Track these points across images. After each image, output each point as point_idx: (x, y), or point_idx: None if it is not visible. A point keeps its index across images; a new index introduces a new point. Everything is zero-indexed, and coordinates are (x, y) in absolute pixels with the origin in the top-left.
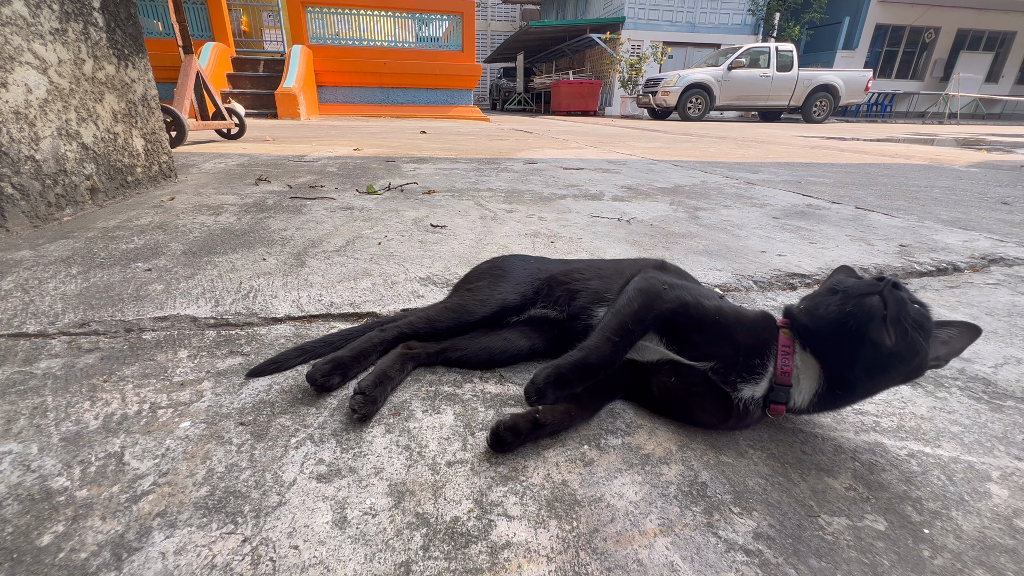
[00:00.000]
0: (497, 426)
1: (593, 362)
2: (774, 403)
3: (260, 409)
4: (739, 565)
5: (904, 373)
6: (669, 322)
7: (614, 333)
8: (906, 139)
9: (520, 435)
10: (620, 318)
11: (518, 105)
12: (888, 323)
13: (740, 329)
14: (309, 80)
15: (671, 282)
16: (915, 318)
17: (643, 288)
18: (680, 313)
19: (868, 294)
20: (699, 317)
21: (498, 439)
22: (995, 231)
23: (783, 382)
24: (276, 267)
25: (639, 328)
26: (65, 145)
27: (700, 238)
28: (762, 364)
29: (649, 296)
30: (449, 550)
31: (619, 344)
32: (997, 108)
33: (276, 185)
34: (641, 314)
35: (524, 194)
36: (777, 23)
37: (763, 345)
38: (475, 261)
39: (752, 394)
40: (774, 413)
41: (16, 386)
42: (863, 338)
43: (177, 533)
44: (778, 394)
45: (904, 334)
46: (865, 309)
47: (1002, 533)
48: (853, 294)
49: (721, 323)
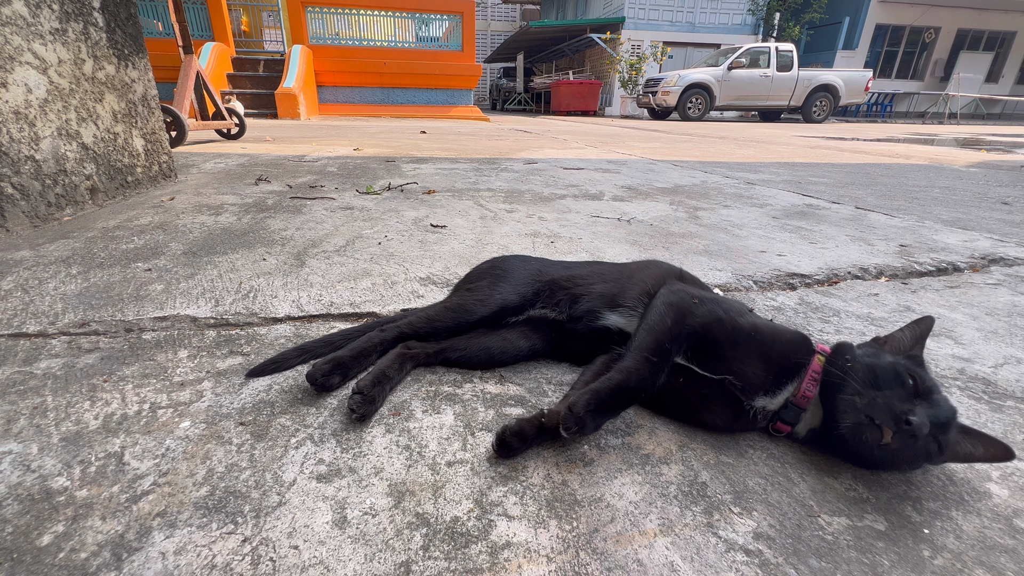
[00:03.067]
0: (503, 432)
1: (634, 385)
2: (782, 421)
3: (260, 409)
4: (739, 565)
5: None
6: (700, 337)
7: (652, 353)
8: (906, 139)
9: (527, 440)
10: (655, 335)
11: (518, 105)
12: (894, 456)
13: (776, 350)
14: (309, 80)
15: (700, 295)
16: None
17: (673, 303)
18: (713, 328)
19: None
20: (733, 334)
21: (504, 445)
22: (995, 231)
23: (800, 404)
24: (276, 267)
25: (675, 346)
26: (65, 145)
27: (700, 238)
28: (788, 381)
29: (680, 311)
30: (449, 550)
31: (657, 364)
32: (997, 108)
33: (276, 185)
34: (675, 331)
35: (524, 194)
36: (777, 23)
37: (794, 369)
38: (475, 261)
39: (765, 406)
40: (778, 430)
41: (16, 386)
42: (861, 446)
43: (177, 533)
44: (790, 413)
45: (911, 462)
46: (874, 438)
47: (1002, 533)
48: (882, 412)
49: (757, 341)
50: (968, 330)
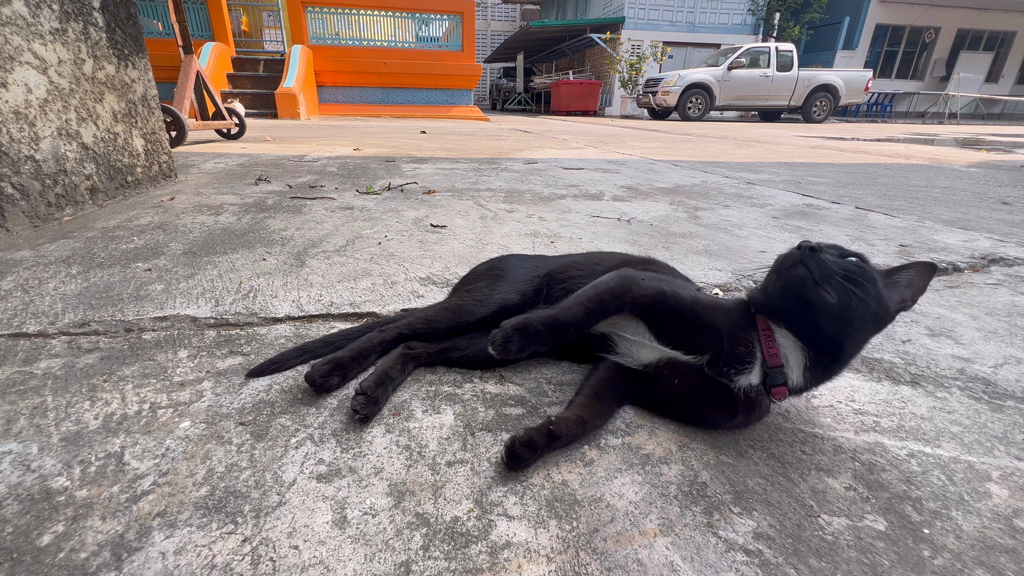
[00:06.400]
0: (512, 442)
1: (563, 320)
2: (774, 387)
3: (260, 409)
4: (739, 565)
5: (869, 323)
6: (648, 309)
7: (588, 301)
8: (906, 139)
9: (536, 450)
10: (596, 290)
11: (518, 105)
12: (821, 284)
13: (718, 316)
14: (309, 80)
15: (650, 275)
16: (847, 271)
17: (623, 274)
18: (658, 301)
19: (793, 265)
20: (676, 305)
21: (514, 456)
22: (995, 231)
23: (774, 364)
24: (276, 267)
25: (614, 303)
26: (65, 145)
27: (700, 238)
28: (749, 352)
29: (627, 280)
30: (449, 550)
31: (591, 311)
32: (997, 108)
33: (276, 185)
34: (617, 291)
35: (524, 194)
36: (777, 23)
37: (744, 331)
38: (475, 261)
39: (749, 382)
40: (778, 397)
41: (16, 386)
42: (811, 303)
43: (177, 533)
44: (774, 377)
45: (841, 289)
46: (796, 280)
47: (1002, 533)
48: (783, 268)
49: (698, 311)
50: (968, 330)
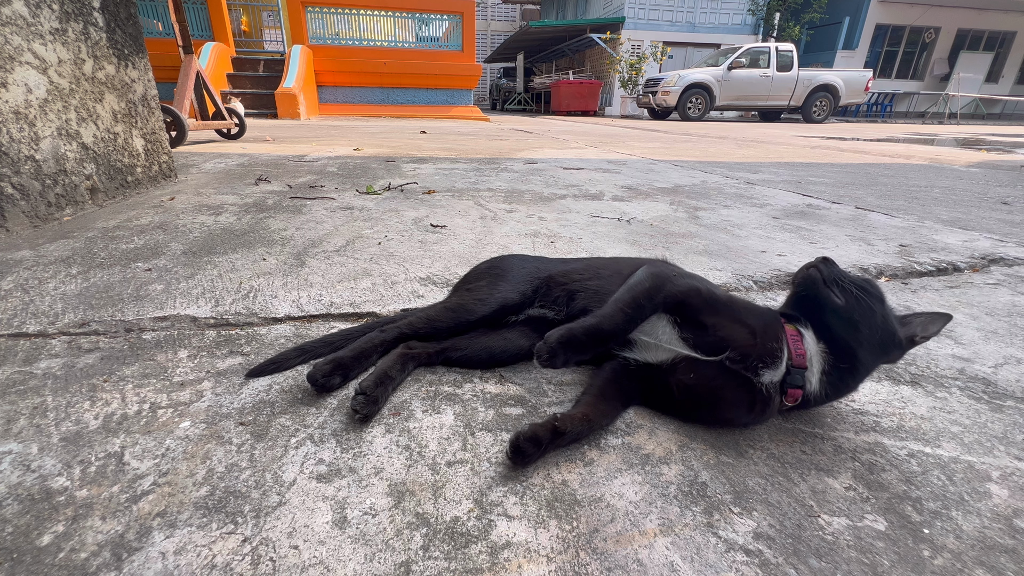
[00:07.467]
0: (516, 437)
1: (606, 328)
2: (791, 387)
3: (260, 409)
4: (739, 565)
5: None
6: (681, 305)
7: (627, 305)
8: (906, 139)
9: (541, 445)
10: (633, 293)
11: (518, 105)
12: (828, 284)
13: (754, 315)
14: (309, 80)
15: (681, 271)
16: (854, 281)
17: (655, 272)
18: (693, 297)
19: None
20: (712, 301)
21: (518, 451)
22: (995, 231)
23: (799, 364)
24: (276, 267)
25: (650, 304)
26: (65, 145)
27: (700, 238)
28: (779, 348)
29: (660, 279)
30: (449, 550)
31: (631, 316)
32: (997, 108)
33: (276, 185)
34: (652, 292)
35: (524, 194)
36: (777, 23)
37: (773, 329)
38: (475, 261)
39: (772, 379)
40: (792, 399)
41: (16, 386)
42: (820, 301)
43: (177, 533)
44: (795, 377)
45: (848, 293)
46: (808, 278)
47: (1002, 533)
48: (799, 274)
49: (735, 309)
50: (968, 330)
